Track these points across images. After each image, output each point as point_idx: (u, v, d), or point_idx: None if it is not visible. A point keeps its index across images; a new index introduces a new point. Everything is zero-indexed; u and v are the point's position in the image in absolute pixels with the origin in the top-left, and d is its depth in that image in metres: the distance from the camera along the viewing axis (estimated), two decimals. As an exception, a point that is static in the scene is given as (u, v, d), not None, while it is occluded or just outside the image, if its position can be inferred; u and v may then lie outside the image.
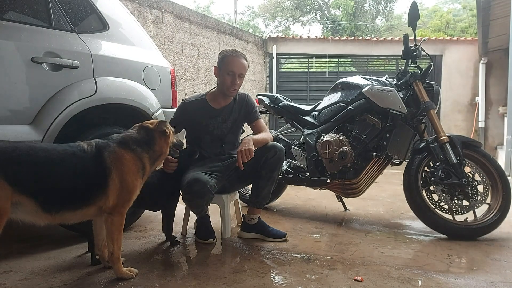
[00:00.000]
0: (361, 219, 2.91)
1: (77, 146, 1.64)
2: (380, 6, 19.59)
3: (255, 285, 1.66)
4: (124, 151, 1.70)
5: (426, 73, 2.60)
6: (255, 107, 2.51)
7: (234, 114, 2.44)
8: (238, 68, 2.31)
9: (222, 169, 2.32)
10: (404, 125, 2.63)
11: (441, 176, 2.41)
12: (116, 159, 1.66)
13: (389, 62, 9.08)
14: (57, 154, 1.56)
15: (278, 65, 8.78)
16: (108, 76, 2.29)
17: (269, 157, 2.24)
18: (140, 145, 1.76)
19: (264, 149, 2.27)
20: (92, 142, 1.69)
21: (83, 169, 1.59)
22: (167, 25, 5.81)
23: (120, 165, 1.66)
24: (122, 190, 1.66)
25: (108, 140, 1.73)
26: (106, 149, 1.66)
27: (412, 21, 2.56)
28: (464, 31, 15.71)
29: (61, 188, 1.55)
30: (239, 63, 2.32)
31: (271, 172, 2.27)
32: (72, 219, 1.63)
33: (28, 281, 1.69)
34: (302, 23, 22.49)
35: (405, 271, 1.83)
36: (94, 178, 1.62)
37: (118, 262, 1.71)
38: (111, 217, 1.66)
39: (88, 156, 1.62)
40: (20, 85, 1.93)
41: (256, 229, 2.36)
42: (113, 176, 1.63)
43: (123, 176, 1.66)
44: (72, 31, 2.21)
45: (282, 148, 2.31)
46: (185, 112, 2.39)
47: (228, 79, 2.31)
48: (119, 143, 1.72)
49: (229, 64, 2.30)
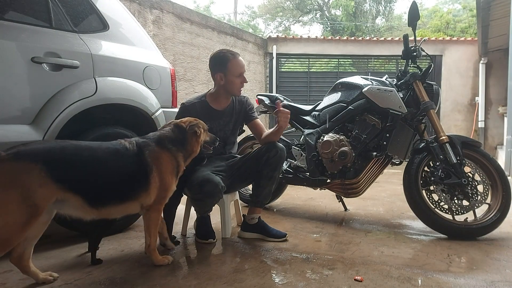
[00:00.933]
0: (361, 219, 2.92)
1: (119, 144, 1.74)
2: (380, 6, 19.59)
3: (255, 284, 1.66)
4: (162, 150, 1.80)
5: (426, 73, 2.61)
6: (253, 107, 2.55)
7: (235, 116, 2.45)
8: (244, 67, 2.36)
9: (226, 169, 2.33)
10: (404, 125, 2.63)
11: (441, 176, 2.42)
12: (155, 157, 1.76)
13: (389, 62, 9.08)
14: (101, 153, 1.65)
15: (278, 65, 8.78)
16: (108, 76, 2.30)
17: (271, 156, 2.24)
18: (175, 144, 1.86)
19: (265, 149, 2.27)
20: (132, 140, 1.79)
21: (126, 166, 1.69)
22: (167, 25, 5.82)
23: (159, 164, 1.76)
24: (160, 188, 1.76)
25: (146, 138, 1.82)
26: (147, 147, 1.76)
27: (412, 21, 2.56)
28: (464, 31, 15.70)
29: (107, 185, 1.64)
30: (243, 63, 2.36)
31: (272, 172, 2.27)
32: (115, 213, 1.74)
33: (28, 280, 1.68)
34: (302, 23, 22.52)
35: (405, 271, 1.84)
36: (137, 175, 1.71)
37: (155, 252, 1.86)
38: (149, 214, 1.80)
39: (130, 154, 1.71)
40: (20, 85, 1.93)
41: (257, 229, 2.36)
42: (153, 174, 1.73)
43: (162, 174, 1.76)
44: (72, 31, 2.21)
45: (283, 147, 2.31)
46: (188, 115, 2.35)
47: (238, 81, 2.33)
48: (157, 142, 1.81)
49: (236, 67, 2.31)
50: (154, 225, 1.83)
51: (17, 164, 1.41)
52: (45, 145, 1.54)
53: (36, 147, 1.50)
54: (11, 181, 1.38)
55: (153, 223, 1.83)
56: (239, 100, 2.48)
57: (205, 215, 2.33)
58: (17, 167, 1.40)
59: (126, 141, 1.77)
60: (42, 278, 1.65)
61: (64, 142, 1.61)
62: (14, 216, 1.38)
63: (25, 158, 1.43)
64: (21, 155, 1.43)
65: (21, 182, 1.39)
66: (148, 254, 1.87)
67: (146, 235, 1.84)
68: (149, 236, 1.83)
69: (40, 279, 1.64)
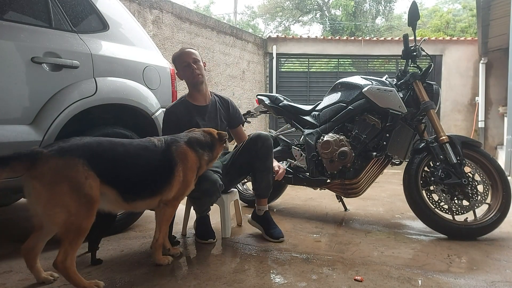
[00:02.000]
0: (361, 219, 2.92)
1: (148, 141, 1.83)
2: (380, 6, 19.59)
3: (255, 285, 1.66)
4: (189, 148, 1.89)
5: (426, 73, 2.60)
6: (239, 111, 2.58)
7: (220, 111, 2.46)
8: (187, 56, 2.35)
9: (221, 167, 2.36)
10: (404, 125, 2.63)
11: (441, 176, 2.41)
12: (181, 153, 1.84)
13: (389, 62, 9.09)
14: (133, 148, 1.74)
15: (278, 65, 8.78)
16: (108, 76, 2.29)
17: (258, 148, 2.28)
18: (202, 147, 1.95)
19: (250, 142, 2.31)
20: (161, 138, 1.88)
21: (156, 162, 1.77)
22: (167, 25, 5.81)
23: (185, 160, 1.85)
24: (182, 183, 1.84)
25: (176, 137, 1.92)
26: (174, 144, 1.85)
27: (412, 21, 2.56)
28: (464, 31, 15.71)
29: (139, 179, 1.72)
30: (186, 53, 2.37)
31: (264, 162, 2.30)
32: (141, 207, 1.82)
33: (28, 281, 1.68)
34: (302, 23, 22.51)
35: (405, 271, 1.83)
36: (164, 170, 1.78)
37: (160, 249, 1.90)
38: (165, 209, 1.85)
39: (159, 150, 1.80)
40: (20, 85, 1.93)
41: (260, 222, 2.41)
42: (178, 168, 1.81)
43: (186, 170, 1.84)
44: (72, 31, 2.21)
45: (268, 136, 2.33)
46: (174, 118, 2.33)
47: (187, 70, 2.35)
48: (186, 141, 1.91)
49: (179, 59, 2.37)
50: (167, 220, 1.89)
51: (61, 159, 1.48)
52: (83, 141, 1.60)
53: (76, 143, 1.56)
54: (59, 176, 1.46)
55: (166, 219, 1.88)
56: (223, 99, 2.52)
57: (205, 215, 2.34)
58: (62, 163, 1.48)
59: (155, 138, 1.87)
60: (43, 278, 1.65)
61: (99, 138, 1.69)
62: (74, 207, 1.46)
63: (68, 154, 1.50)
64: (64, 151, 1.50)
65: (68, 176, 1.47)
66: (153, 250, 1.89)
67: (156, 229, 1.88)
68: (159, 231, 1.87)
69: (41, 278, 1.65)
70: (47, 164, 1.45)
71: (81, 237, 1.52)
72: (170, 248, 2.06)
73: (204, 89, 2.42)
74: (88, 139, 1.62)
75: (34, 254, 1.63)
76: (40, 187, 1.43)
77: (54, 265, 1.49)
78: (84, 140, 1.60)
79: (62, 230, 1.47)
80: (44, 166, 1.45)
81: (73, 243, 1.50)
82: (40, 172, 1.44)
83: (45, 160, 1.45)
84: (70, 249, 1.49)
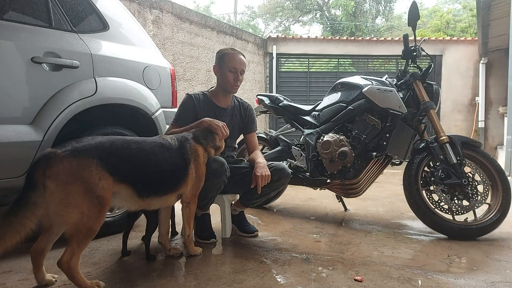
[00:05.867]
0: (361, 219, 2.91)
1: (162, 139, 1.89)
2: (380, 6, 19.58)
3: (255, 285, 1.66)
4: (197, 144, 1.98)
5: (426, 73, 2.60)
6: (255, 119, 2.55)
7: (235, 118, 2.44)
8: (240, 64, 2.34)
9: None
10: (404, 125, 2.63)
11: (441, 176, 2.42)
12: (193, 151, 1.93)
13: (389, 62, 9.08)
14: (147, 146, 1.77)
15: (278, 65, 8.78)
16: (108, 76, 2.29)
17: (274, 180, 2.25)
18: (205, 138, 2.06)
19: (272, 170, 2.25)
20: (173, 136, 1.96)
21: (171, 159, 1.82)
22: (167, 25, 5.81)
23: (197, 156, 1.94)
24: (196, 178, 1.93)
25: (185, 135, 2.00)
26: (187, 142, 1.94)
27: (412, 21, 2.56)
28: (464, 31, 15.71)
29: (155, 175, 1.75)
30: (240, 60, 2.35)
31: (269, 191, 2.30)
32: (156, 204, 1.83)
33: (28, 281, 1.69)
34: (302, 23, 22.49)
35: (405, 271, 1.83)
36: (179, 167, 1.85)
37: (192, 242, 2.06)
38: (189, 206, 1.98)
39: (173, 148, 1.87)
40: (20, 85, 1.93)
41: (235, 221, 2.46)
42: (191, 165, 1.90)
43: (198, 166, 1.94)
44: (72, 31, 2.20)
45: (289, 174, 2.32)
46: (193, 107, 2.32)
47: (231, 76, 2.33)
48: (193, 138, 1.99)
49: (230, 61, 2.32)
50: (192, 215, 2.03)
51: (75, 160, 1.49)
52: (96, 140, 1.61)
53: (89, 143, 1.58)
54: (73, 176, 1.47)
55: (192, 214, 2.01)
56: (243, 105, 2.50)
57: (205, 213, 2.33)
58: (76, 163, 1.49)
59: (166, 136, 1.95)
60: (47, 280, 1.65)
61: (112, 137, 1.72)
62: (86, 207, 1.48)
63: (82, 154, 1.52)
64: (78, 151, 1.52)
65: (82, 176, 1.49)
66: (187, 244, 2.03)
67: (185, 226, 2.01)
68: (189, 227, 2.00)
69: (45, 280, 1.64)
70: (61, 165, 1.46)
71: (90, 238, 1.54)
72: (171, 248, 2.06)
73: (230, 96, 2.45)
74: (101, 138, 1.64)
75: (42, 256, 1.62)
76: (53, 187, 1.44)
77: (59, 264, 1.48)
78: (97, 140, 1.62)
79: (72, 230, 1.48)
80: (59, 166, 1.46)
81: (81, 244, 1.51)
82: (54, 172, 1.45)
83: (59, 160, 1.47)
84: (77, 249, 1.49)
